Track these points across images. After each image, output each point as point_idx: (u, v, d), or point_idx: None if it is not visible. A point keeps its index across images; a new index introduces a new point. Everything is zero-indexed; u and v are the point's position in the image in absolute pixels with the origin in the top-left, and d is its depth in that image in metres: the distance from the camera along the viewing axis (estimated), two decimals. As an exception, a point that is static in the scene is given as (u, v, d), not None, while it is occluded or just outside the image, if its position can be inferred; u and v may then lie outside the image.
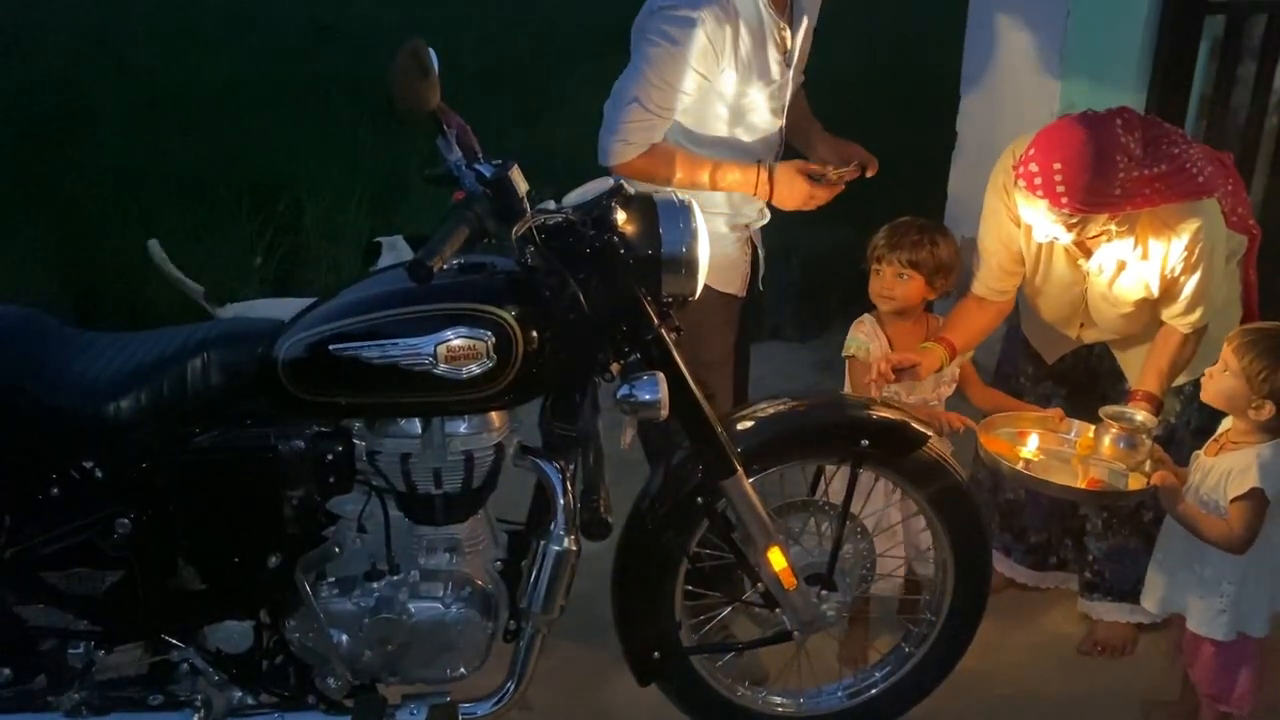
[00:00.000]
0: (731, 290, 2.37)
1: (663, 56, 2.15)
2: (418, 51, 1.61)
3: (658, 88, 2.16)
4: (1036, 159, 2.04)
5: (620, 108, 2.19)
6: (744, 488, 1.96)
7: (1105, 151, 2.01)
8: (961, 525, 2.12)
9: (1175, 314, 2.21)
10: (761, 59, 2.23)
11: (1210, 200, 2.12)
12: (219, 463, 1.85)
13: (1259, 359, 1.98)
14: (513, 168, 1.71)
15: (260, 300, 3.11)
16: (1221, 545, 2.02)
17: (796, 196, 2.24)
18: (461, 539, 1.93)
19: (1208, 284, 2.16)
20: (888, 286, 2.36)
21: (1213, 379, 2.07)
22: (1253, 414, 2.02)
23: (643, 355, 1.85)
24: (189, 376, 1.81)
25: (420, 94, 1.63)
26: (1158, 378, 2.23)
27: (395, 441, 1.85)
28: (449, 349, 1.73)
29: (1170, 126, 2.23)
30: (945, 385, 2.42)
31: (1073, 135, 2.03)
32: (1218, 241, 2.14)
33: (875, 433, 2.04)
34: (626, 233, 1.81)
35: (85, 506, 1.81)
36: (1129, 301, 2.24)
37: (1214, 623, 2.09)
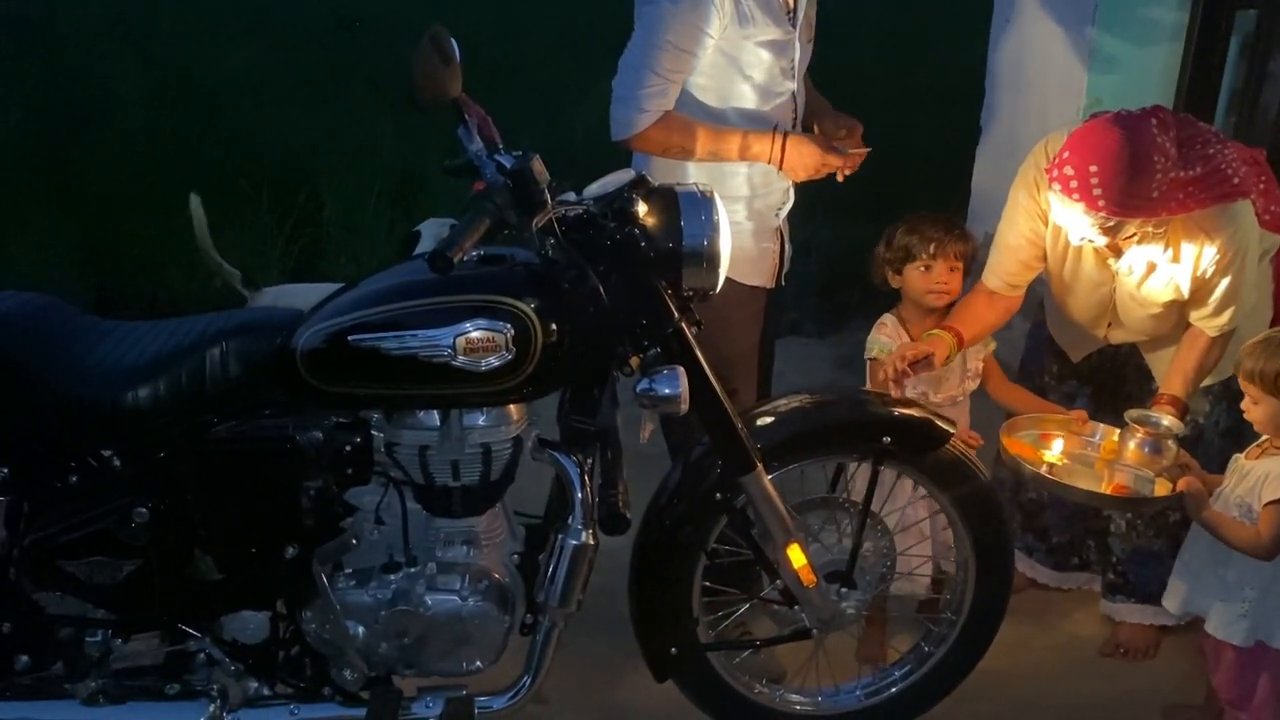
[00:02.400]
0: (759, 282, 2.35)
1: (665, 17, 2.12)
2: (439, 39, 1.59)
3: (664, 50, 2.12)
4: (1072, 161, 2.01)
5: (629, 76, 2.16)
6: (763, 484, 1.94)
7: (1142, 154, 1.97)
8: (983, 524, 2.10)
9: (1204, 316, 2.18)
10: (765, 15, 2.18)
11: (1244, 202, 2.09)
12: (237, 452, 1.84)
13: (1270, 365, 1.94)
14: (534, 159, 1.70)
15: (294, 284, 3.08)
16: (1248, 551, 1.99)
17: (808, 162, 2.19)
18: (479, 532, 1.92)
19: (1238, 287, 2.13)
20: (943, 281, 2.33)
21: (1250, 411, 2.03)
22: None
23: (663, 349, 1.83)
24: (208, 366, 1.81)
25: (442, 82, 1.62)
26: (1184, 381, 2.20)
27: (413, 433, 1.84)
28: (468, 341, 1.72)
29: (1204, 125, 2.19)
30: (970, 379, 2.39)
31: (1109, 137, 2.00)
32: (1250, 244, 2.11)
33: (897, 430, 2.01)
34: (647, 225, 1.79)
35: (103, 495, 1.81)
36: (1158, 303, 2.21)
37: (1233, 627, 2.05)
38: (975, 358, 2.38)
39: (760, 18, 2.17)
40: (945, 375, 2.35)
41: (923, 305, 2.37)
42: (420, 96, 1.62)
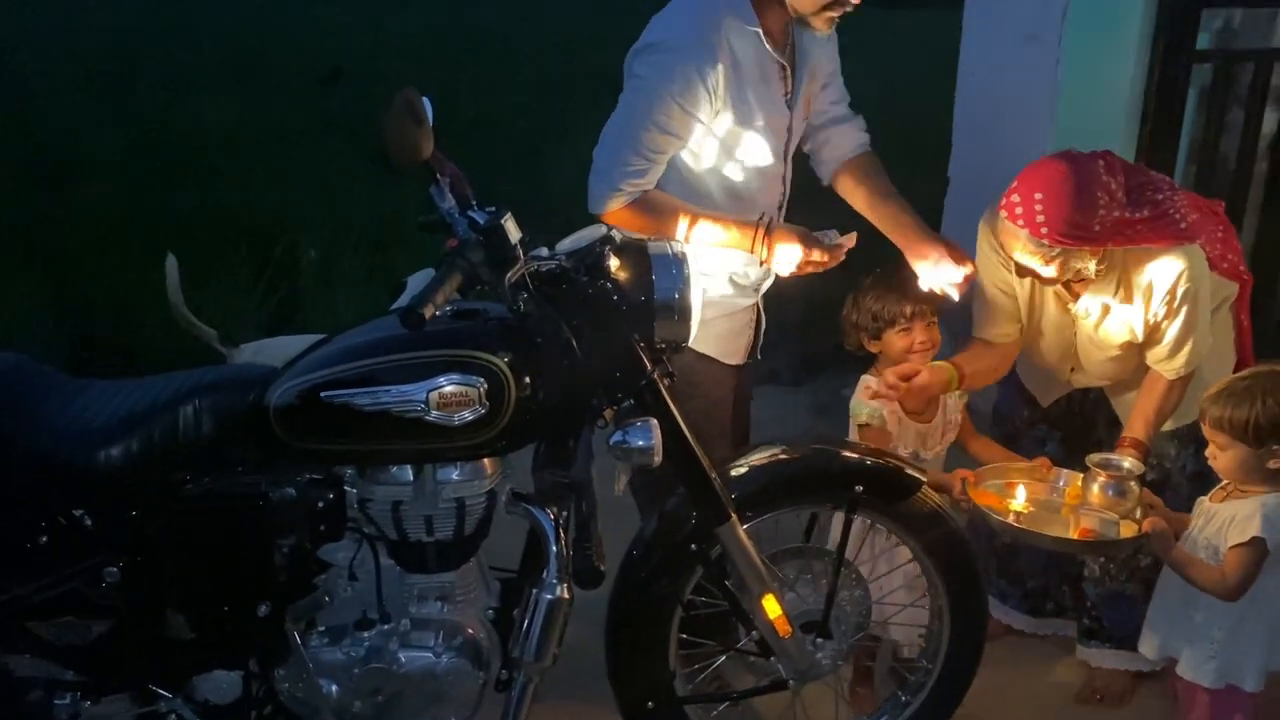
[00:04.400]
0: (735, 361, 2.32)
1: (652, 95, 2.06)
2: (411, 101, 1.62)
3: (648, 130, 2.07)
4: (1019, 190, 2.08)
5: (609, 150, 2.11)
6: (738, 534, 1.95)
7: (1086, 186, 2.03)
8: (956, 572, 2.11)
9: (1160, 359, 2.22)
10: (762, 98, 2.14)
11: (1192, 245, 2.13)
12: (209, 510, 1.84)
13: (1236, 412, 1.95)
14: (506, 216, 1.72)
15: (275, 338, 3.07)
16: (1213, 592, 2.00)
17: (790, 258, 2.12)
18: (453, 587, 1.92)
19: (1191, 329, 2.17)
20: (923, 340, 2.33)
21: (1216, 459, 2.04)
22: (1273, 465, 1.97)
23: (636, 401, 1.84)
24: (181, 423, 1.80)
25: (414, 143, 1.64)
26: (1144, 424, 2.23)
27: (387, 489, 1.85)
28: (441, 395, 1.73)
29: (1156, 174, 2.25)
30: (950, 431, 2.41)
31: (1055, 169, 2.06)
32: (1201, 287, 2.15)
33: (869, 478, 2.03)
34: (619, 279, 1.81)
35: (74, 555, 1.79)
36: (1114, 345, 2.25)
37: (1202, 669, 2.06)
38: (955, 410, 2.40)
39: (756, 106, 2.14)
40: (930, 433, 2.38)
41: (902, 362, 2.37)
42: (394, 158, 1.64)
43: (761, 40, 2.10)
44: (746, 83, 2.12)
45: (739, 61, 2.10)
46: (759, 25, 2.10)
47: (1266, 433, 1.95)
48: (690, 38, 2.06)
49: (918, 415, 2.32)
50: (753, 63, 2.12)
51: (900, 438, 2.30)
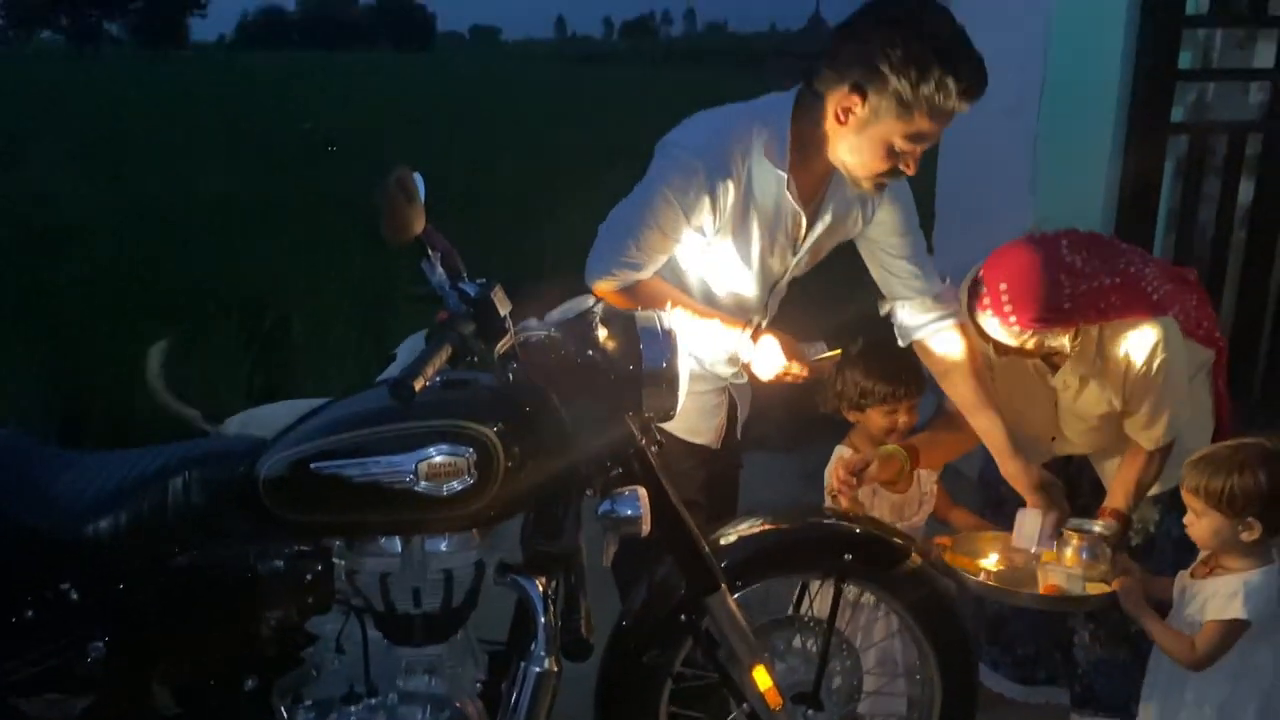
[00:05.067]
0: (703, 441, 2.28)
1: (656, 196, 2.05)
2: (404, 180, 1.65)
3: (651, 229, 2.06)
4: (986, 279, 2.12)
5: (612, 233, 2.11)
6: (728, 604, 1.94)
7: (1049, 270, 2.08)
8: (946, 640, 2.11)
9: (1138, 430, 2.25)
10: (765, 235, 2.12)
11: (1166, 318, 2.17)
12: (197, 583, 1.83)
13: (1213, 482, 1.97)
14: (495, 288, 1.74)
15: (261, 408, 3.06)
16: (1178, 660, 2.01)
17: (771, 367, 2.10)
18: (441, 660, 1.90)
19: (1169, 401, 2.20)
20: (909, 420, 2.37)
21: (1193, 527, 2.05)
22: (1246, 537, 1.98)
23: (625, 471, 1.85)
24: (170, 496, 1.80)
25: (407, 220, 1.67)
26: (1124, 494, 2.26)
27: (375, 560, 1.84)
28: (430, 466, 1.73)
29: (1125, 245, 2.30)
30: (926, 502, 2.42)
31: (1018, 257, 2.11)
32: (1175, 357, 2.19)
33: (858, 547, 2.04)
34: (608, 349, 1.83)
35: (59, 630, 1.78)
36: (1094, 416, 2.28)
37: None
38: (929, 481, 2.42)
39: (757, 239, 2.12)
40: (906, 503, 2.39)
41: (878, 440, 2.40)
42: (386, 236, 1.66)
43: (783, 186, 2.07)
44: (754, 214, 2.10)
45: (753, 191, 2.08)
46: (788, 169, 2.06)
47: (1241, 504, 1.96)
48: (711, 150, 2.05)
49: (892, 486, 2.34)
50: (769, 199, 2.10)
51: (875, 509, 2.31)
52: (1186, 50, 3.56)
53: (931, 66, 1.86)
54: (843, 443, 2.41)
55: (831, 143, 2.02)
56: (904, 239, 2.24)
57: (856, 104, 1.93)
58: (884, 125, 1.94)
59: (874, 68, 1.89)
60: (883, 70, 1.88)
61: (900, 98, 1.89)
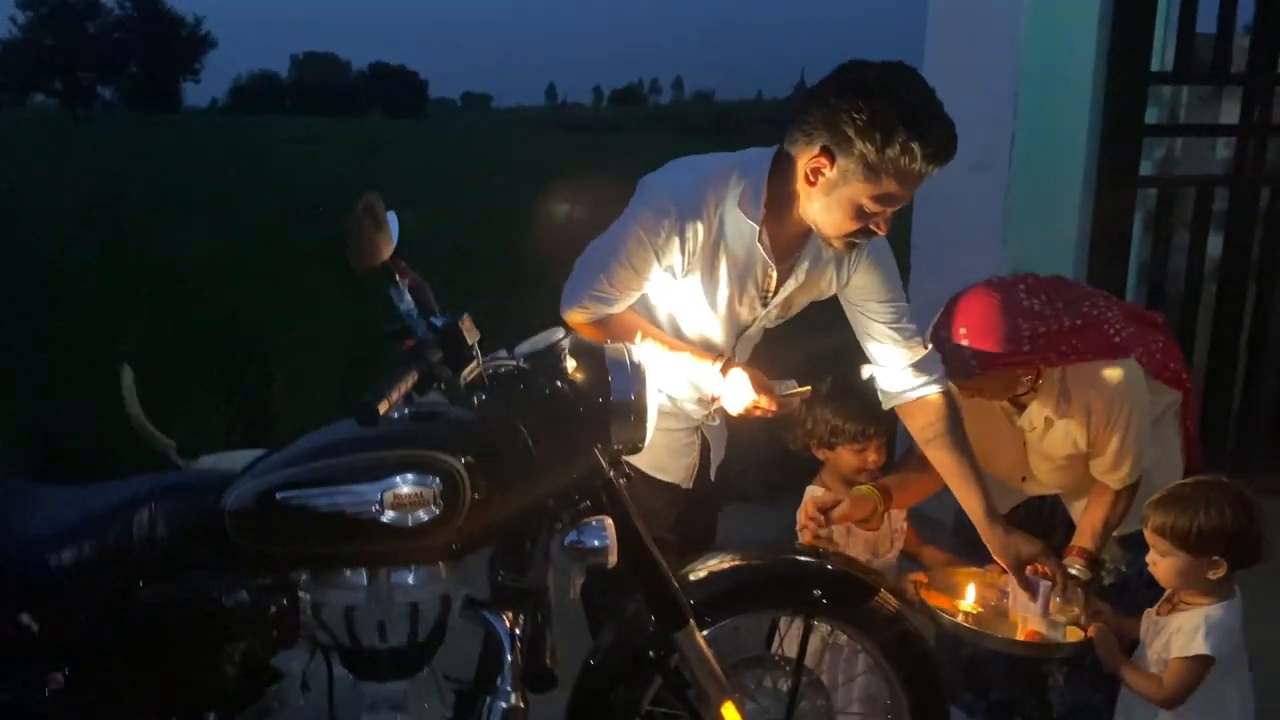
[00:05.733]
0: (669, 479, 2.27)
1: (632, 238, 2.07)
2: (372, 205, 1.67)
3: (624, 266, 2.09)
4: (945, 323, 2.16)
5: (586, 266, 2.14)
6: (696, 640, 1.93)
7: (1008, 314, 2.11)
8: (917, 677, 2.10)
9: (1104, 470, 2.26)
10: (734, 285, 2.13)
11: (1128, 360, 2.20)
12: (161, 617, 1.81)
13: (1178, 521, 1.97)
14: (464, 317, 1.75)
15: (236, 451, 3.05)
16: (1150, 700, 2.00)
17: (740, 400, 2.10)
18: (407, 696, 1.88)
19: (1133, 441, 2.21)
20: (879, 458, 2.40)
21: (1157, 566, 2.05)
22: (1212, 575, 1.99)
23: (593, 503, 1.85)
24: (135, 528, 1.79)
25: (375, 246, 1.69)
26: (1092, 534, 2.27)
27: (340, 593, 1.82)
28: (396, 496, 1.72)
29: (1089, 288, 2.34)
30: (898, 541, 2.42)
31: (975, 302, 2.15)
32: (1139, 398, 2.21)
33: (828, 583, 2.04)
34: (576, 380, 1.84)
35: (17, 661, 1.75)
36: (1060, 456, 2.30)
37: None
38: (899, 518, 2.43)
39: (729, 288, 2.13)
40: (879, 541, 2.39)
41: (849, 479, 2.41)
42: (352, 259, 1.68)
43: (755, 236, 2.08)
44: (724, 259, 2.11)
45: (725, 236, 2.09)
46: (760, 221, 2.07)
47: (1208, 541, 1.96)
48: (684, 192, 2.07)
49: (864, 524, 2.34)
50: (741, 247, 2.11)
51: (849, 547, 2.31)
52: (1154, 106, 3.65)
53: (896, 131, 1.86)
54: (814, 482, 2.42)
55: (802, 202, 2.04)
56: (885, 305, 2.22)
57: (825, 166, 1.95)
58: (852, 187, 1.95)
59: (840, 132, 1.91)
60: (848, 134, 1.90)
61: (866, 161, 1.90)
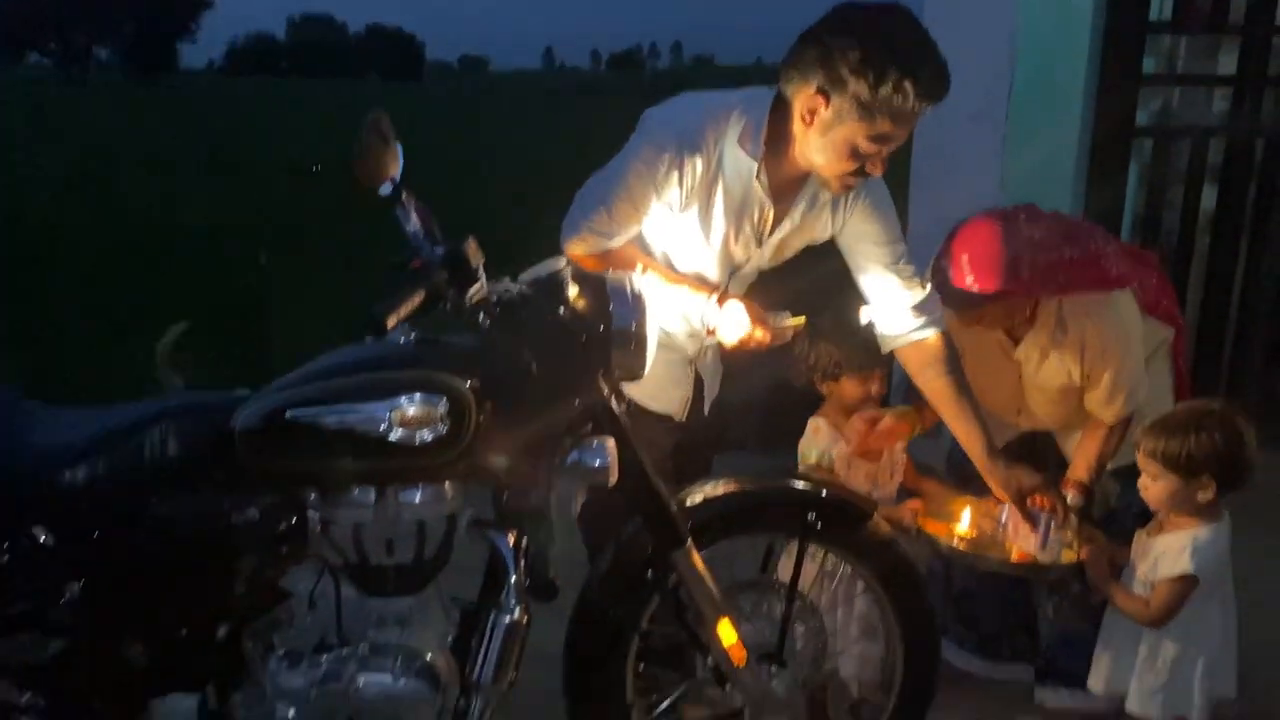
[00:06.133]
0: (663, 409, 2.31)
1: (632, 174, 2.10)
2: (379, 122, 1.71)
3: (623, 200, 2.12)
4: (951, 251, 2.21)
5: (586, 198, 2.16)
6: (693, 559, 1.98)
7: (1009, 240, 2.16)
8: (907, 600, 2.15)
9: (1098, 403, 2.32)
10: (730, 223, 2.16)
11: (1123, 292, 2.25)
12: (172, 534, 1.86)
13: (1170, 444, 2.04)
14: (469, 240, 1.79)
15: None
16: (1137, 620, 2.07)
17: (736, 331, 2.14)
18: (412, 612, 1.93)
19: (1127, 374, 2.27)
20: (880, 388, 2.44)
21: (1148, 489, 2.12)
22: (1201, 497, 2.05)
23: (593, 426, 1.90)
24: (147, 446, 1.83)
25: (382, 162, 1.72)
26: (1086, 466, 2.34)
27: (348, 511, 1.87)
28: (403, 414, 1.76)
29: (1088, 224, 2.39)
30: (898, 473, 2.48)
31: (978, 229, 2.20)
32: (1132, 332, 2.26)
33: (822, 507, 2.09)
34: (578, 308, 1.87)
35: (35, 573, 1.81)
36: (1054, 388, 2.35)
37: (1149, 702, 2.11)
38: (899, 451, 2.48)
39: (725, 225, 2.16)
40: (880, 472, 2.44)
41: (851, 410, 2.46)
42: (360, 174, 1.71)
43: (753, 174, 2.11)
44: (721, 195, 2.14)
45: (723, 172, 2.12)
46: (759, 159, 2.10)
47: (1198, 465, 2.03)
48: (685, 126, 2.10)
49: (865, 457, 2.39)
50: (738, 184, 2.13)
51: (851, 479, 2.36)
52: (1151, 56, 3.66)
53: (888, 69, 1.90)
54: (816, 414, 2.47)
55: (799, 143, 2.07)
56: (883, 248, 2.25)
57: (820, 105, 1.98)
58: (847, 127, 1.98)
59: (834, 71, 1.94)
60: (842, 74, 1.93)
61: (860, 100, 1.93)
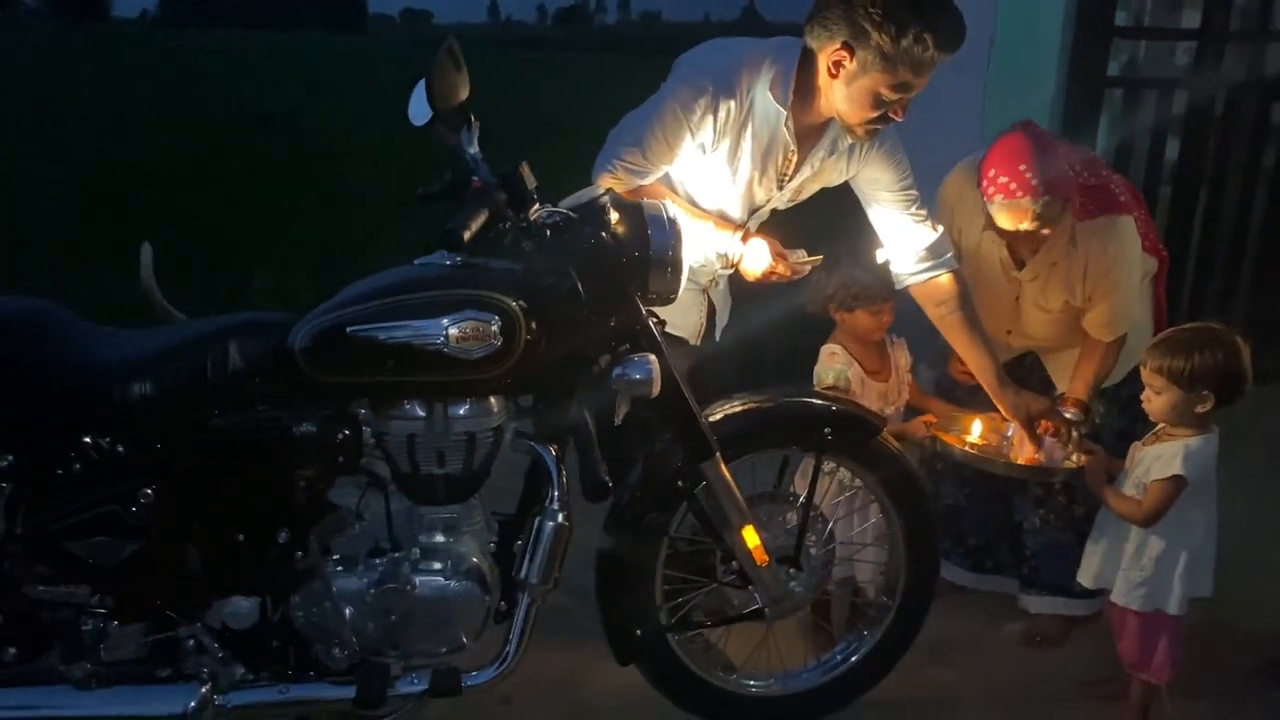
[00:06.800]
0: (679, 334, 2.42)
1: (669, 114, 2.23)
2: (453, 49, 1.81)
3: (658, 139, 2.24)
4: (1003, 171, 2.31)
5: (619, 143, 2.27)
6: (721, 469, 2.13)
7: (1048, 145, 2.32)
8: (912, 508, 2.34)
9: (1098, 323, 2.50)
10: (756, 160, 2.30)
11: (1128, 217, 2.44)
12: (235, 444, 1.95)
13: (1175, 360, 2.22)
14: (523, 164, 1.90)
15: None
16: (1131, 520, 2.28)
17: (759, 264, 2.31)
18: (459, 519, 2.05)
19: (1127, 293, 2.46)
20: (891, 317, 2.58)
21: (1151, 402, 2.30)
22: (1200, 410, 2.24)
23: (631, 345, 2.02)
24: (209, 361, 1.92)
25: (454, 85, 1.82)
26: (1084, 384, 2.52)
27: (402, 423, 1.97)
28: (460, 329, 1.87)
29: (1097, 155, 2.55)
30: (905, 391, 2.65)
31: (1020, 143, 2.32)
32: (1134, 257, 2.45)
33: (836, 422, 2.24)
34: (618, 233, 1.98)
35: (109, 479, 1.90)
36: (1056, 307, 2.52)
37: (1132, 594, 2.32)
38: (905, 370, 2.65)
39: (751, 167, 2.31)
40: (889, 390, 2.61)
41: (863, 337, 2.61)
42: (435, 97, 1.78)
43: (782, 120, 2.25)
44: (750, 138, 2.28)
45: (754, 116, 2.26)
46: (788, 107, 2.24)
47: (1200, 380, 2.22)
48: (721, 72, 2.23)
49: (875, 375, 2.56)
50: (767, 129, 2.27)
51: (864, 397, 2.53)
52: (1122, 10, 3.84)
53: (909, 23, 2.07)
54: (829, 340, 2.63)
55: (825, 94, 2.23)
56: (896, 193, 2.43)
57: (846, 58, 2.14)
58: (871, 78, 2.14)
59: (858, 26, 2.10)
60: (866, 28, 2.09)
61: (883, 52, 2.09)
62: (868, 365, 2.57)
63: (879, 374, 2.58)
